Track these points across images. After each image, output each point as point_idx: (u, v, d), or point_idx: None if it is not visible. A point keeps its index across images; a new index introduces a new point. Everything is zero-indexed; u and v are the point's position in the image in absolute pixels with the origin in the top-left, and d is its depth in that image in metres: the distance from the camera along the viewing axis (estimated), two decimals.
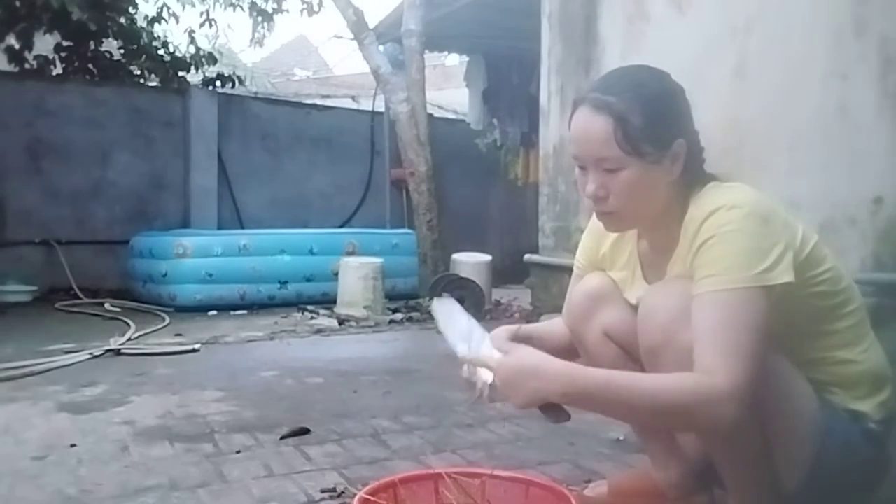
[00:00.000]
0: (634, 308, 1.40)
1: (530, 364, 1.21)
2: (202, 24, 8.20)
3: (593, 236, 1.55)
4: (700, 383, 1.14)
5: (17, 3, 6.48)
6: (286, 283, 5.69)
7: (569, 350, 1.58)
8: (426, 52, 6.67)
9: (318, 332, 4.52)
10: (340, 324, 4.79)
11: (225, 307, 5.41)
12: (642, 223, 1.40)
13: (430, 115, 6.84)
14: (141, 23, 7.75)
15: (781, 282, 1.18)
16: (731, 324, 1.15)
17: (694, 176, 1.32)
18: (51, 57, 7.14)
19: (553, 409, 1.23)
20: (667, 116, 1.28)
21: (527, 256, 4.86)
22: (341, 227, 7.51)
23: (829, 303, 1.29)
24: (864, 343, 1.33)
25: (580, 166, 1.33)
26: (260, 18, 8.22)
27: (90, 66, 7.32)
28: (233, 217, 7.28)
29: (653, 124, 1.25)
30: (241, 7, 8.11)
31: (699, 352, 1.17)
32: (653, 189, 1.29)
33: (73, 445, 2.11)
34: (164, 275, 5.44)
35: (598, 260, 1.55)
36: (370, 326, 4.74)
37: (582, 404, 1.21)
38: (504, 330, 1.46)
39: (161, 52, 7.78)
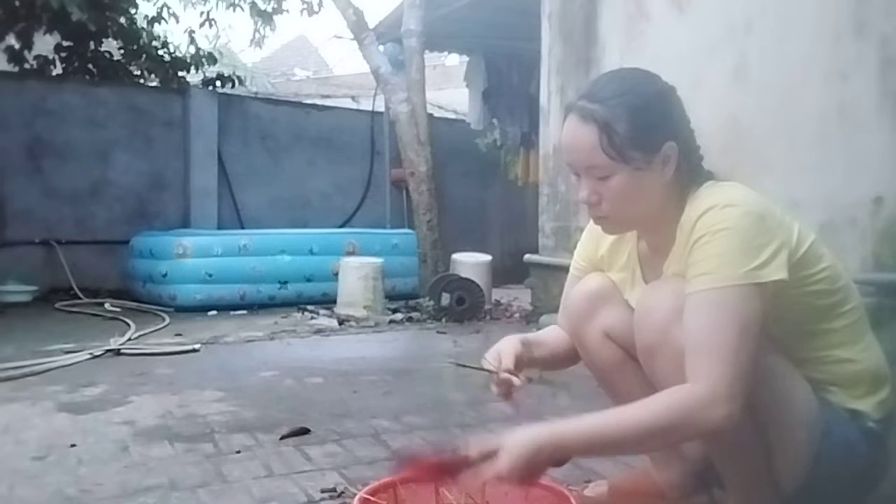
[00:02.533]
0: (634, 309, 1.40)
1: (524, 450, 1.16)
2: (202, 24, 8.20)
3: (592, 237, 1.55)
4: (682, 396, 1.15)
5: (17, 3, 6.48)
6: (286, 283, 5.69)
7: (569, 355, 1.58)
8: (426, 52, 6.67)
9: (319, 332, 4.52)
10: (340, 324, 4.79)
11: (225, 307, 5.40)
12: (638, 225, 1.41)
13: (430, 115, 6.84)
14: (141, 23, 7.75)
15: (773, 279, 1.18)
16: (717, 323, 1.16)
17: (690, 176, 1.32)
18: (51, 57, 7.14)
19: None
20: (654, 121, 1.28)
21: (527, 256, 4.86)
22: (341, 227, 7.50)
23: (826, 301, 1.29)
24: (863, 342, 1.33)
25: (574, 173, 1.34)
26: (260, 20, 8.22)
27: (90, 66, 7.32)
28: (233, 217, 7.27)
29: (639, 130, 1.25)
30: (241, 7, 8.11)
31: (686, 354, 1.18)
32: (645, 193, 1.30)
33: (73, 445, 2.11)
34: (164, 275, 5.44)
35: (597, 261, 1.55)
36: (370, 326, 4.74)
37: (585, 456, 1.22)
38: (511, 340, 1.48)
39: (161, 52, 7.78)
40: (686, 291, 1.21)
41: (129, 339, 3.94)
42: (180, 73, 7.71)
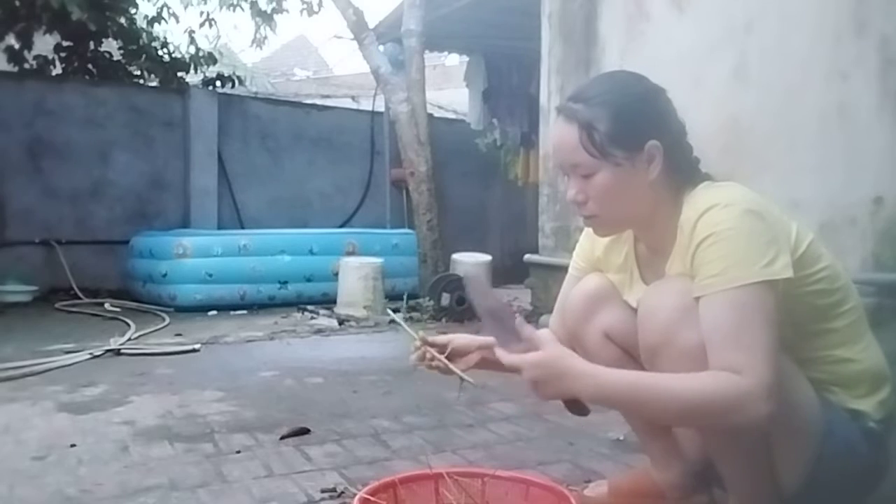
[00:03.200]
0: (634, 309, 1.40)
1: (561, 367, 1.21)
2: (202, 25, 8.21)
3: (590, 238, 1.56)
4: (731, 383, 1.14)
5: (17, 3, 6.48)
6: (286, 283, 5.69)
7: None
8: (426, 52, 6.67)
9: (319, 332, 4.52)
10: (340, 324, 4.79)
11: (225, 307, 5.41)
12: (629, 225, 1.42)
13: (430, 115, 6.84)
14: (141, 23, 7.76)
15: (784, 276, 1.18)
16: (745, 321, 1.16)
17: (684, 176, 1.33)
18: (51, 57, 7.14)
19: (576, 404, 1.26)
20: (636, 119, 1.29)
21: (527, 256, 4.86)
22: (341, 227, 7.51)
23: (826, 301, 1.30)
24: (863, 341, 1.33)
25: (563, 173, 1.37)
26: (259, 20, 8.22)
27: (90, 66, 7.32)
28: (233, 217, 7.27)
29: (620, 128, 1.28)
30: (241, 7, 8.11)
31: (716, 354, 1.17)
32: (630, 191, 1.31)
33: (73, 445, 2.11)
34: (164, 275, 5.44)
35: (594, 261, 1.55)
36: (370, 326, 4.74)
37: (610, 405, 1.24)
38: (467, 335, 1.46)
39: (161, 52, 7.78)
40: (699, 293, 1.21)
41: (129, 339, 3.94)
42: (180, 74, 7.71)
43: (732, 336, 1.16)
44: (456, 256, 5.90)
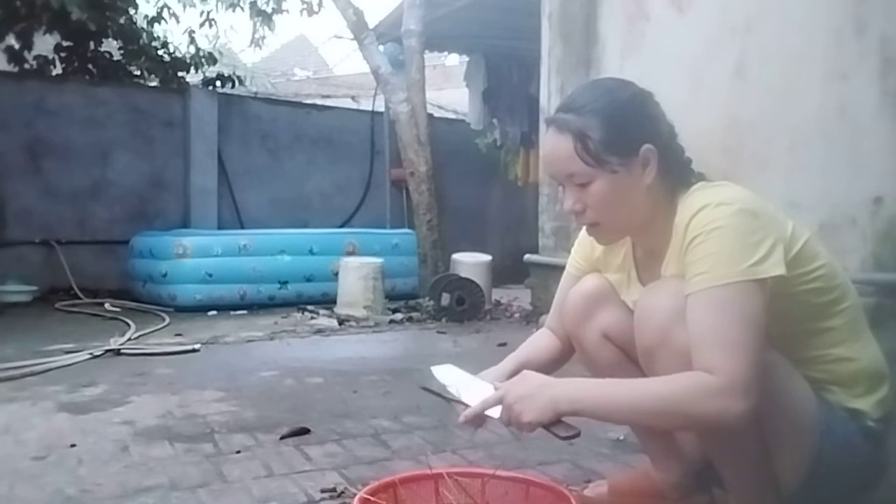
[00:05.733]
0: (631, 310, 1.40)
1: (531, 384, 1.25)
2: (202, 25, 8.20)
3: (588, 239, 1.55)
4: (701, 384, 1.14)
5: (17, 3, 6.48)
6: (286, 283, 5.69)
7: (557, 361, 1.58)
8: (426, 52, 6.67)
9: (318, 332, 4.52)
10: (340, 324, 4.79)
11: (225, 307, 5.41)
12: (630, 231, 1.41)
13: (430, 115, 6.84)
14: (141, 23, 7.75)
15: (773, 275, 1.18)
16: (725, 320, 1.16)
17: (677, 177, 1.34)
18: (51, 57, 7.14)
19: (562, 426, 1.23)
20: (628, 125, 1.30)
21: (527, 256, 4.87)
22: (341, 227, 7.51)
23: (823, 299, 1.30)
24: (861, 340, 1.33)
25: (559, 184, 1.37)
26: (259, 20, 8.21)
27: (90, 66, 7.32)
28: (233, 217, 7.27)
29: (613, 134, 1.28)
30: (241, 7, 8.10)
31: (696, 351, 1.17)
32: (628, 196, 1.31)
33: (73, 445, 2.11)
34: (164, 275, 5.44)
35: (594, 261, 1.56)
36: (370, 326, 4.74)
37: (590, 412, 1.22)
38: (496, 370, 1.49)
39: (161, 52, 7.78)
40: (686, 291, 1.21)
41: (129, 339, 3.94)
42: (180, 74, 7.71)
43: (711, 334, 1.16)
44: (456, 256, 5.90)
